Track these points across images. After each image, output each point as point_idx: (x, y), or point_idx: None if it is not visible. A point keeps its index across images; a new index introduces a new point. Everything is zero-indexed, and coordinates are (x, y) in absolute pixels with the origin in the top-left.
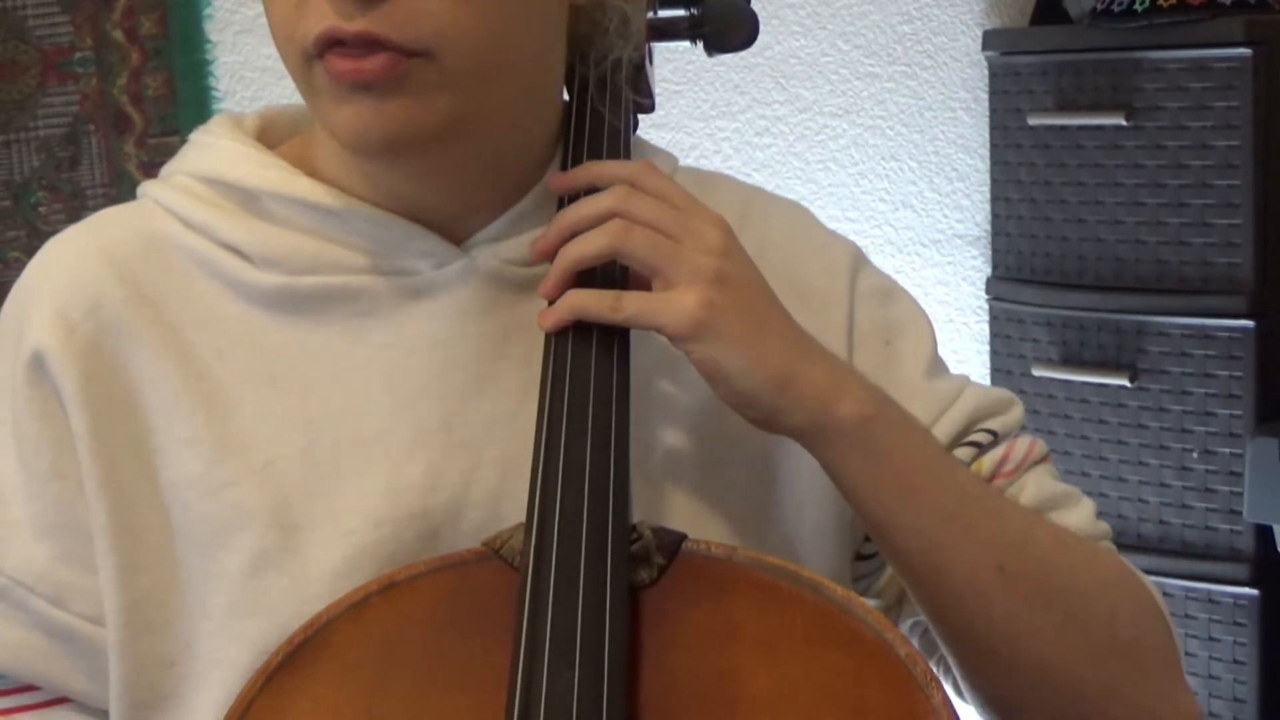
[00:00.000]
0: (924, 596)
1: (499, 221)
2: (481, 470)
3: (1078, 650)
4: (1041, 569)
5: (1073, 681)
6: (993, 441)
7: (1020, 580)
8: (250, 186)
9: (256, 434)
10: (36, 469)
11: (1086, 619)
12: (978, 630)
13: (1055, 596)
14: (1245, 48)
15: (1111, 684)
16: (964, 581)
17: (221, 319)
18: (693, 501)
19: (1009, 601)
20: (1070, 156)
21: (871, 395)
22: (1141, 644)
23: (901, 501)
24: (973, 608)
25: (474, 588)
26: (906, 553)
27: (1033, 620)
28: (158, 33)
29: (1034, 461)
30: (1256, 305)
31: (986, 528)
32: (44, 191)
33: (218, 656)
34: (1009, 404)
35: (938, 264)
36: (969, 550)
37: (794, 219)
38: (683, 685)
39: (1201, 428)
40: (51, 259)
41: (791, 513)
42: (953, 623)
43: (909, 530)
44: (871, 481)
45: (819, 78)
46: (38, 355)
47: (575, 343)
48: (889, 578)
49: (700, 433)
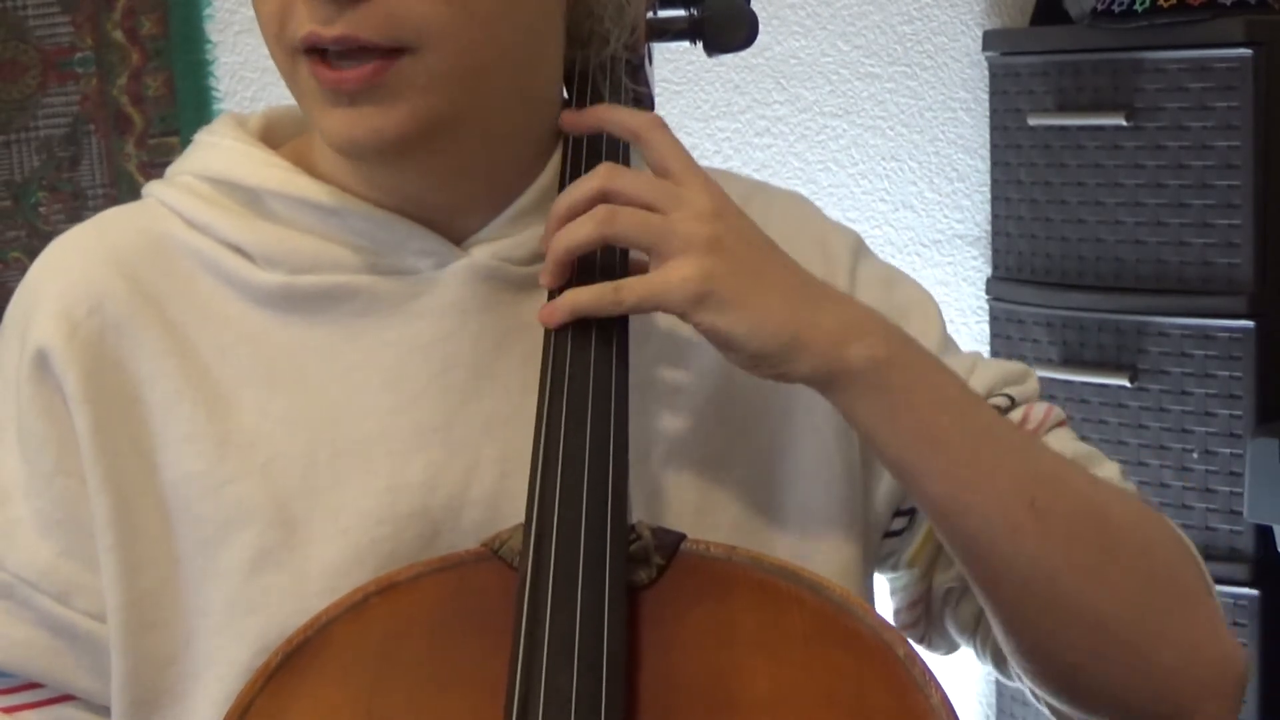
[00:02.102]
0: (957, 540)
1: (498, 220)
2: (481, 469)
3: (1116, 585)
4: (1074, 504)
5: (1113, 617)
6: (1010, 405)
7: (1053, 515)
8: (252, 186)
9: (257, 432)
10: (40, 466)
11: (1122, 554)
12: (1014, 570)
13: (1090, 532)
14: (1245, 48)
15: (1151, 618)
16: (996, 519)
17: (223, 318)
18: (696, 494)
19: (1044, 537)
20: (1070, 157)
21: (886, 337)
22: (1179, 580)
23: (925, 442)
24: (1007, 547)
25: (473, 588)
26: (935, 495)
27: (1069, 555)
28: (158, 33)
29: (1053, 424)
30: (1256, 305)
31: (1016, 464)
32: (44, 192)
33: (217, 654)
34: (1024, 375)
35: (938, 264)
36: (999, 487)
37: (795, 210)
38: (681, 685)
39: (1201, 428)
40: (56, 258)
41: (797, 505)
42: (988, 564)
43: (936, 472)
44: (891, 424)
45: (819, 78)
46: (41, 353)
47: (574, 340)
48: (917, 546)
49: (703, 425)
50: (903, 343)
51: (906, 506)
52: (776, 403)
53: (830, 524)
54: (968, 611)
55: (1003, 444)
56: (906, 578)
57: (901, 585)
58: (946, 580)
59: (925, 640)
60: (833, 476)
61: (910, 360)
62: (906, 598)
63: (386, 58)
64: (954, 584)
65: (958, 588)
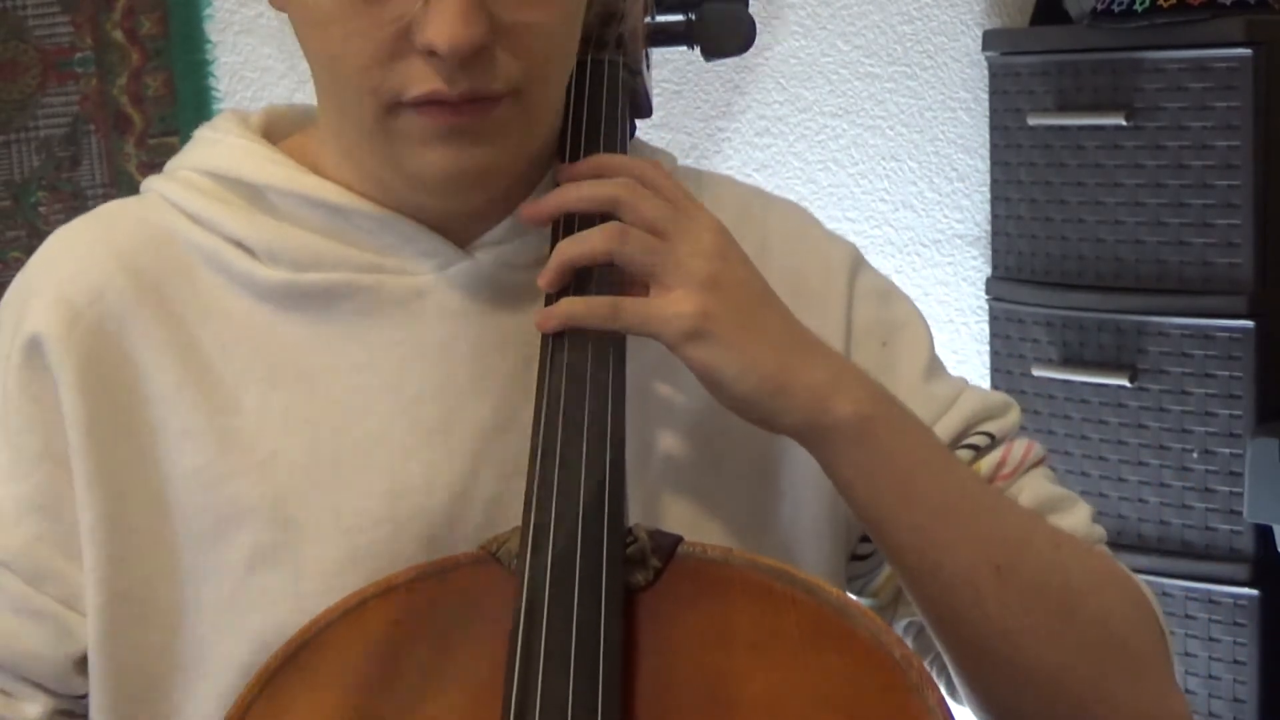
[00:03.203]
0: (920, 594)
1: (502, 225)
2: (481, 472)
3: (1072, 649)
4: (1038, 568)
5: (1066, 680)
6: (990, 444)
7: (1016, 579)
8: (257, 182)
9: (258, 430)
10: (25, 450)
11: (1081, 618)
12: (973, 628)
13: (1050, 595)
14: (1245, 48)
15: (1104, 683)
16: (961, 579)
17: (226, 314)
18: (690, 503)
19: (1004, 600)
20: (1070, 156)
21: (870, 394)
22: (1134, 644)
23: (900, 499)
24: (968, 606)
25: (471, 591)
26: (904, 549)
27: (1027, 619)
28: (158, 33)
29: (1031, 464)
30: (1256, 305)
31: (985, 527)
32: (44, 191)
33: (209, 650)
34: (1006, 407)
35: (938, 264)
36: (966, 549)
37: (793, 219)
38: (678, 687)
39: (1201, 428)
40: (57, 248)
41: (789, 515)
42: (948, 620)
43: (907, 528)
44: (869, 480)
45: (819, 78)
46: (35, 340)
47: (572, 345)
48: (885, 578)
49: (698, 434)
50: (887, 401)
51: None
52: None
53: (819, 532)
54: (926, 646)
55: (974, 505)
56: (872, 604)
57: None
58: (908, 614)
59: None
60: (821, 485)
61: (893, 418)
62: None
63: (493, 101)
64: (915, 618)
65: (918, 622)
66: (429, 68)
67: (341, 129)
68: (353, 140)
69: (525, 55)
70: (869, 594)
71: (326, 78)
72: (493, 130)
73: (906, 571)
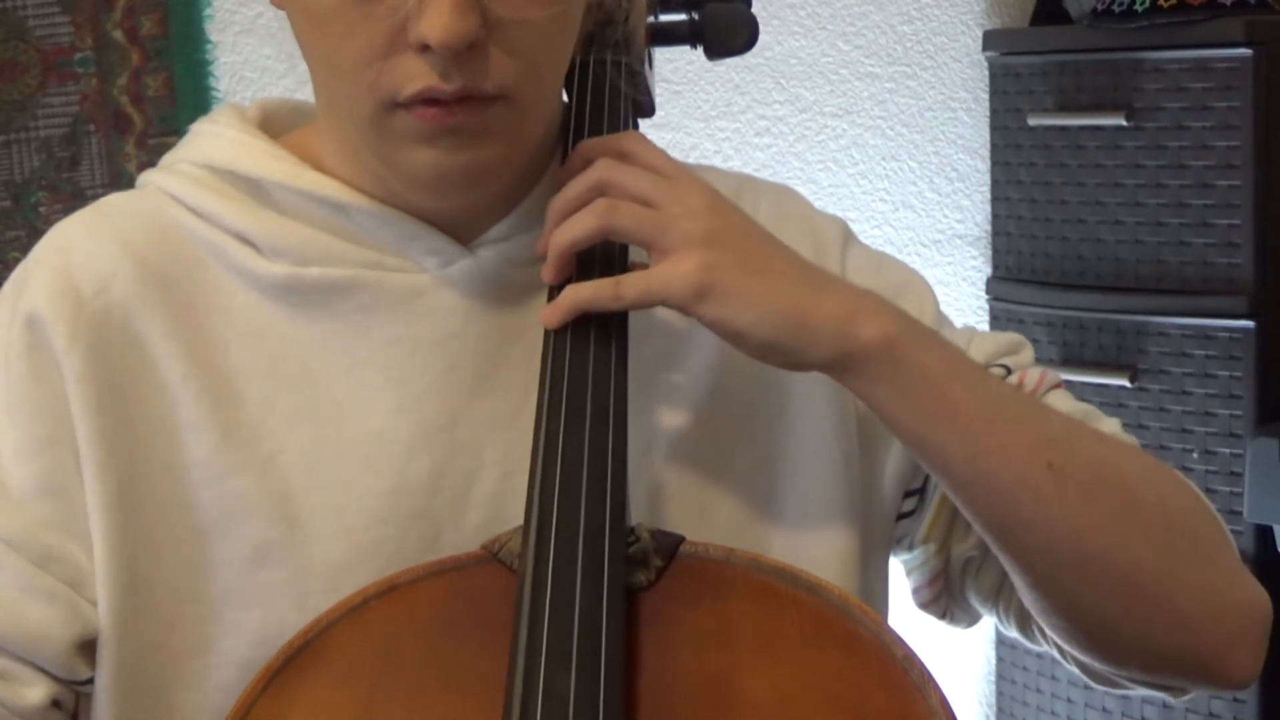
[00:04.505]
0: (981, 510)
1: (504, 222)
2: (483, 470)
3: (1139, 538)
4: (1090, 462)
5: (1138, 570)
6: (1006, 374)
7: (1071, 475)
8: (259, 177)
9: (261, 425)
10: (31, 433)
11: (1141, 508)
12: (1040, 531)
13: (1108, 487)
14: (1245, 48)
15: (1176, 569)
16: (1020, 482)
17: (231, 309)
18: (697, 490)
19: (1065, 497)
20: (1070, 157)
21: (893, 314)
22: (1197, 530)
23: (943, 413)
24: (1029, 509)
25: (473, 591)
26: (956, 463)
27: (1090, 512)
28: (158, 33)
29: (1050, 387)
30: (1256, 305)
31: (1030, 428)
32: (44, 191)
33: (208, 644)
34: (1019, 345)
35: (938, 264)
36: (1018, 451)
37: (784, 201)
38: (680, 687)
39: (1201, 428)
40: (62, 237)
41: (798, 494)
42: (1016, 529)
43: (957, 440)
44: (908, 399)
45: (819, 78)
46: (38, 327)
47: (573, 342)
48: (930, 522)
49: (703, 421)
50: (907, 320)
51: (914, 486)
52: (774, 397)
53: (829, 515)
54: (989, 578)
55: (1014, 410)
56: (923, 555)
57: (919, 563)
58: (965, 550)
59: (947, 615)
60: (832, 467)
61: (919, 335)
62: (926, 574)
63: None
64: (973, 552)
65: (977, 556)
66: (424, 64)
67: (341, 127)
68: (352, 138)
69: (519, 53)
70: (919, 542)
71: (324, 76)
72: (485, 131)
73: (963, 489)
